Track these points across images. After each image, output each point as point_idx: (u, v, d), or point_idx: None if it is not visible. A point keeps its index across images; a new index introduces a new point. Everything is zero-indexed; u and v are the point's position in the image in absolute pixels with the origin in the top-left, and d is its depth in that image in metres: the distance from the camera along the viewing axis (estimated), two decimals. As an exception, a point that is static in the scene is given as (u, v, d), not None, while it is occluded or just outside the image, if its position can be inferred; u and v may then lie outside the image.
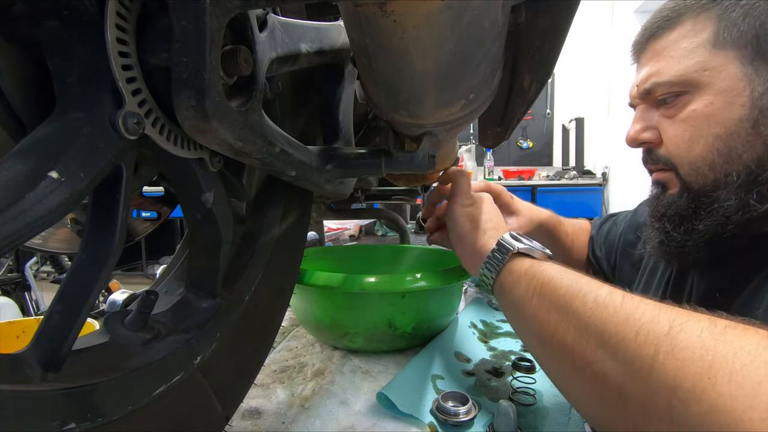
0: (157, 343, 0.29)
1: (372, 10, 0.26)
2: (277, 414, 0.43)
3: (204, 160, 0.30)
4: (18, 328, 0.78)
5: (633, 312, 0.29)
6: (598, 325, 0.30)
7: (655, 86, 0.45)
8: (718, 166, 0.42)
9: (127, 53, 0.23)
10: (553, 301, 0.34)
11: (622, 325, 0.28)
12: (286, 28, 0.33)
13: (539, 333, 0.35)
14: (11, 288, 1.79)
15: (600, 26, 3.56)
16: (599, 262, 0.74)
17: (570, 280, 0.35)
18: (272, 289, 0.40)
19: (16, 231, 0.19)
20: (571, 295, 0.33)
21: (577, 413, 0.43)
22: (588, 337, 0.30)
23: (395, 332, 0.55)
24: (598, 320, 0.30)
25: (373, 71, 0.34)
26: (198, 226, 0.32)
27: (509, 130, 0.68)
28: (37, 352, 0.22)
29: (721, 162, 0.42)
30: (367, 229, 1.74)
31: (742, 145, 0.41)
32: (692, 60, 0.42)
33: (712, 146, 0.42)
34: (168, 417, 0.28)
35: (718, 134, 0.42)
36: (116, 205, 0.24)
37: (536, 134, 4.12)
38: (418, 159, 0.40)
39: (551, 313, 0.34)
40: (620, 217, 0.76)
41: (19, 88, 0.24)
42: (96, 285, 0.23)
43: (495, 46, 0.35)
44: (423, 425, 0.41)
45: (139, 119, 0.24)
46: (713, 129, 0.42)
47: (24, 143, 0.21)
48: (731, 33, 0.40)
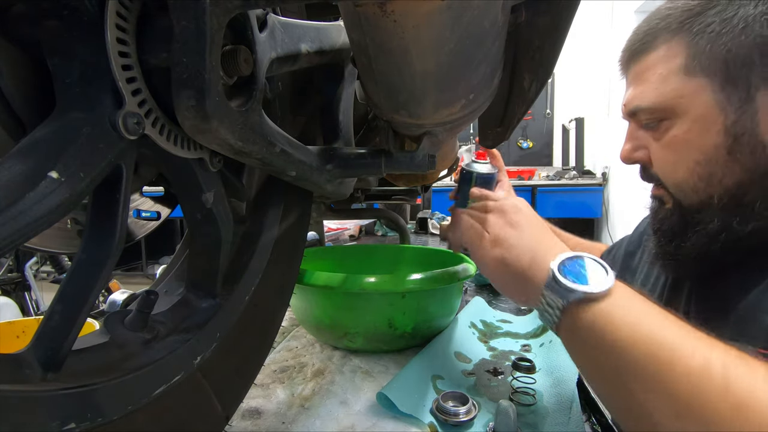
0: (157, 343, 0.29)
1: (372, 10, 0.26)
2: (277, 414, 0.43)
3: (204, 160, 0.30)
4: (18, 328, 0.78)
5: (747, 398, 0.25)
6: (698, 410, 0.27)
7: (638, 110, 0.45)
8: (700, 189, 0.43)
9: (127, 53, 0.23)
10: (631, 370, 0.30)
11: (733, 415, 0.25)
12: (286, 28, 0.33)
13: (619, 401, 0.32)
14: (11, 288, 1.79)
15: (600, 26, 3.56)
16: None
17: (646, 337, 0.30)
18: (272, 289, 0.40)
19: (16, 231, 0.19)
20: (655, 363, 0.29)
21: (577, 413, 0.43)
22: (687, 420, 0.27)
23: (395, 332, 0.55)
24: (697, 403, 0.27)
25: (373, 71, 0.34)
26: (198, 226, 0.32)
27: (509, 130, 0.68)
28: (37, 352, 0.22)
29: (702, 186, 0.43)
30: (367, 229, 1.74)
31: (722, 171, 0.41)
32: (668, 87, 0.42)
33: (693, 171, 0.43)
34: (168, 417, 0.28)
35: (697, 160, 0.42)
36: (116, 205, 0.24)
37: (536, 134, 4.12)
38: (418, 159, 0.40)
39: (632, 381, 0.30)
40: (625, 240, 0.77)
41: (19, 88, 0.24)
42: (96, 285, 0.23)
43: (495, 46, 0.35)
44: (423, 425, 0.41)
45: (139, 119, 0.24)
46: (692, 155, 0.42)
47: (24, 143, 0.21)
48: (700, 60, 0.40)
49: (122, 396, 0.24)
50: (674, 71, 0.42)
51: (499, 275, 0.41)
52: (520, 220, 0.42)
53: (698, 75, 0.41)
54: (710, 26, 0.40)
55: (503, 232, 0.41)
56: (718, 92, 0.40)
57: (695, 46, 0.41)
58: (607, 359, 0.32)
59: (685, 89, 0.42)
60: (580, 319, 0.33)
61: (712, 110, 0.41)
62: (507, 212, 0.42)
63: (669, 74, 0.43)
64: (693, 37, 0.41)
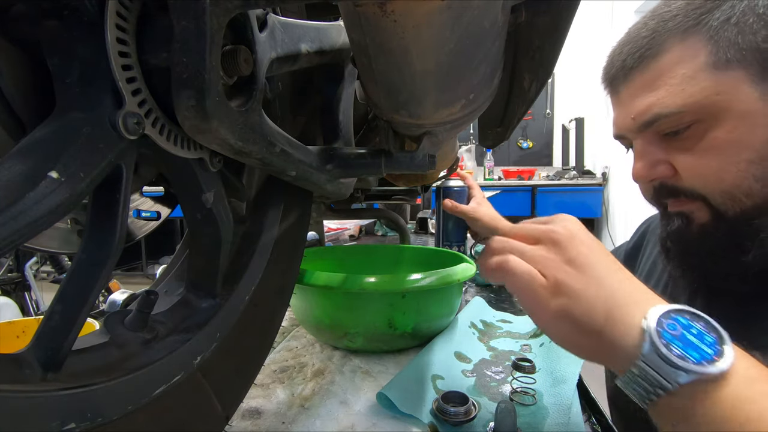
0: (157, 343, 0.29)
1: (372, 10, 0.26)
2: (277, 414, 0.43)
3: (204, 160, 0.30)
4: (18, 328, 0.78)
5: None
6: None
7: (658, 118, 0.41)
8: (756, 192, 0.39)
9: (127, 53, 0.23)
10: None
11: None
12: (286, 28, 0.33)
13: None
14: (11, 288, 1.79)
15: (600, 26, 3.56)
16: None
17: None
18: (272, 289, 0.40)
19: (16, 231, 0.19)
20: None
21: (577, 413, 0.43)
22: None
23: (395, 332, 0.55)
24: None
25: (373, 71, 0.34)
26: (198, 226, 0.32)
27: (509, 130, 0.68)
28: (37, 352, 0.22)
29: (759, 187, 0.38)
30: (367, 229, 1.74)
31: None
32: (697, 86, 0.39)
33: (746, 172, 0.38)
34: (168, 417, 0.28)
35: (749, 159, 0.38)
36: (116, 205, 0.24)
37: (536, 134, 4.12)
38: (418, 159, 0.40)
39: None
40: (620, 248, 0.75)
41: (19, 88, 0.24)
42: (96, 285, 0.23)
43: (495, 46, 0.35)
44: (423, 425, 0.41)
45: (139, 119, 0.24)
46: (743, 155, 0.38)
47: (24, 143, 0.21)
48: (730, 52, 0.37)
49: (122, 396, 0.24)
50: (700, 68, 0.38)
51: (565, 333, 0.32)
52: (584, 256, 0.31)
53: (732, 68, 0.37)
54: (732, 17, 0.37)
55: (563, 275, 0.31)
56: (758, 83, 0.37)
57: (720, 39, 0.38)
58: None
59: (720, 85, 0.38)
60: (693, 404, 0.26)
61: (756, 103, 0.37)
62: (562, 244, 0.32)
63: (695, 73, 0.39)
64: (714, 32, 0.38)
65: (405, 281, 0.53)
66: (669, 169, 0.43)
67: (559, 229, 0.34)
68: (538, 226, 0.35)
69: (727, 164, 0.39)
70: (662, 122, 0.41)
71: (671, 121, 0.40)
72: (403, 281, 0.53)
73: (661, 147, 0.43)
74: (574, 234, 0.33)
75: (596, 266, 0.31)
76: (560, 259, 0.32)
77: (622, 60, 0.44)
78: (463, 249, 1.05)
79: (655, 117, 0.41)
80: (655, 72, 0.41)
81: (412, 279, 0.53)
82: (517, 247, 0.34)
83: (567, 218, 0.36)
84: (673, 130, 0.41)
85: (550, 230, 0.34)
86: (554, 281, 0.31)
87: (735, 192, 0.39)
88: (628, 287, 0.31)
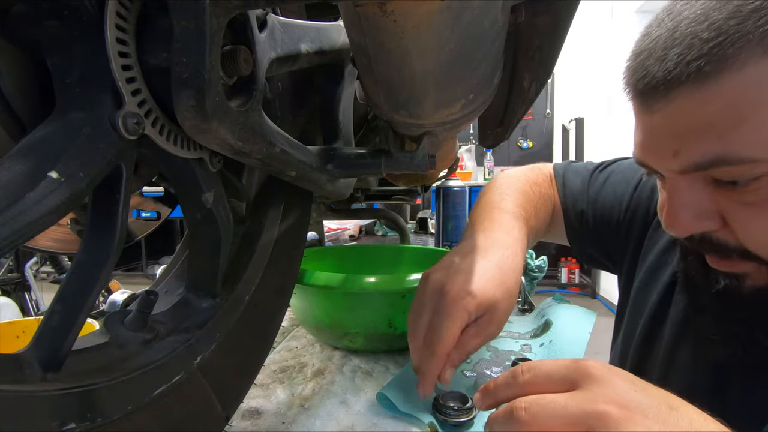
0: (157, 343, 0.29)
1: (372, 10, 0.26)
2: (277, 414, 0.43)
3: (204, 160, 0.30)
4: (18, 328, 0.78)
5: None
6: None
7: (719, 163, 0.30)
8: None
9: (127, 53, 0.23)
10: None
11: None
12: (286, 28, 0.33)
13: None
14: (11, 288, 1.79)
15: (600, 26, 3.56)
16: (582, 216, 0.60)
17: None
18: (272, 289, 0.40)
19: (16, 231, 0.19)
20: None
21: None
22: None
23: (395, 332, 0.55)
24: None
25: (373, 71, 0.34)
26: (198, 226, 0.32)
27: (509, 130, 0.68)
28: (37, 352, 0.22)
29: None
30: (367, 229, 1.74)
31: None
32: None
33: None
34: (168, 417, 0.28)
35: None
36: (116, 205, 0.24)
37: (536, 134, 4.13)
38: (418, 159, 0.40)
39: None
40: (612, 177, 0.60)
41: (19, 88, 0.24)
42: (96, 285, 0.23)
43: (495, 46, 0.35)
44: (423, 425, 0.41)
45: (139, 119, 0.24)
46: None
47: (24, 143, 0.21)
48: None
49: (122, 396, 0.24)
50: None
51: None
52: (650, 429, 0.25)
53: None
54: None
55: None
56: None
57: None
58: None
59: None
60: None
61: None
62: (620, 425, 0.25)
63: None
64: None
65: (405, 281, 0.53)
66: (718, 222, 0.33)
67: (608, 408, 0.25)
68: (576, 404, 0.26)
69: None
70: (724, 170, 0.30)
71: (737, 170, 0.30)
72: (403, 281, 0.53)
73: (711, 194, 0.33)
74: (623, 404, 0.26)
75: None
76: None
77: (668, 69, 0.30)
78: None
79: (714, 161, 0.30)
80: (722, 97, 0.28)
81: (412, 279, 0.53)
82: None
83: (595, 377, 0.27)
84: (733, 179, 0.31)
85: (597, 413, 0.25)
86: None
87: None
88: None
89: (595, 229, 0.60)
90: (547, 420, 0.26)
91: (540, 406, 0.27)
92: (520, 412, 0.27)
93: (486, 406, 0.32)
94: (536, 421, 0.27)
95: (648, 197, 0.55)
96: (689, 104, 0.30)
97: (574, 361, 0.29)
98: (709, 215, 0.33)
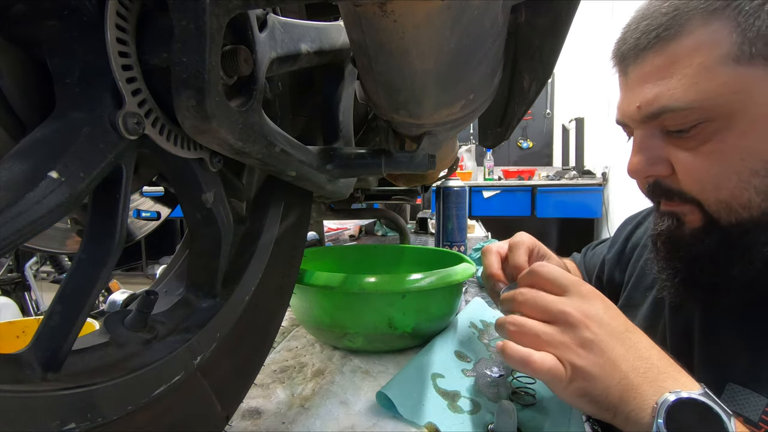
0: (157, 343, 0.29)
1: (372, 10, 0.26)
2: (277, 414, 0.43)
3: (204, 160, 0.30)
4: (18, 328, 0.78)
5: None
6: None
7: (665, 111, 0.37)
8: (755, 205, 0.36)
9: (127, 53, 0.23)
10: None
11: None
12: (286, 28, 0.33)
13: None
14: (11, 288, 1.79)
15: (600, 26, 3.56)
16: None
17: None
18: (272, 289, 0.40)
19: (16, 231, 0.19)
20: None
21: (578, 413, 0.43)
22: None
23: (395, 332, 0.55)
24: None
25: (373, 71, 0.34)
26: (198, 226, 0.32)
27: (509, 130, 0.68)
28: (37, 352, 0.22)
29: (759, 201, 0.36)
30: (367, 229, 1.74)
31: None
32: (714, 81, 0.34)
33: (747, 183, 0.35)
34: (168, 417, 0.28)
35: (754, 169, 0.35)
36: (116, 205, 0.24)
37: (536, 134, 4.12)
38: (418, 159, 0.40)
39: None
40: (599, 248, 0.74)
41: (19, 88, 0.24)
42: (96, 285, 0.23)
43: (495, 46, 0.35)
44: (421, 427, 0.41)
45: (139, 119, 0.24)
46: (749, 164, 0.35)
47: (24, 143, 0.21)
48: (757, 45, 0.32)
49: (122, 396, 0.24)
50: (720, 61, 0.34)
51: (583, 407, 0.34)
52: (598, 338, 0.33)
53: (755, 64, 0.33)
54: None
55: (579, 360, 0.33)
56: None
57: (748, 28, 0.32)
58: None
59: (739, 83, 0.33)
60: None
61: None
62: (576, 327, 0.34)
63: (713, 65, 0.34)
64: (744, 18, 0.33)
65: (405, 281, 0.53)
66: (667, 168, 0.40)
67: (572, 311, 0.35)
68: (553, 302, 0.36)
69: (729, 172, 0.36)
70: (668, 116, 0.37)
71: (678, 116, 0.36)
72: (403, 281, 0.53)
73: (663, 142, 0.39)
74: (587, 314, 0.35)
75: (610, 348, 0.33)
76: (575, 342, 0.34)
77: (636, 38, 0.39)
78: (464, 249, 1.05)
79: (661, 110, 0.37)
80: (670, 57, 0.36)
81: (412, 279, 0.53)
82: (533, 329, 0.36)
83: (582, 292, 0.37)
84: (678, 128, 0.37)
85: (563, 312, 0.35)
86: (571, 367, 0.33)
87: (732, 202, 0.37)
88: (642, 366, 0.32)
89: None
90: (534, 305, 0.38)
91: (533, 296, 0.38)
92: (519, 296, 0.39)
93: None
94: (527, 305, 0.38)
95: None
96: (650, 64, 0.38)
97: (577, 279, 0.38)
98: (661, 161, 0.40)
